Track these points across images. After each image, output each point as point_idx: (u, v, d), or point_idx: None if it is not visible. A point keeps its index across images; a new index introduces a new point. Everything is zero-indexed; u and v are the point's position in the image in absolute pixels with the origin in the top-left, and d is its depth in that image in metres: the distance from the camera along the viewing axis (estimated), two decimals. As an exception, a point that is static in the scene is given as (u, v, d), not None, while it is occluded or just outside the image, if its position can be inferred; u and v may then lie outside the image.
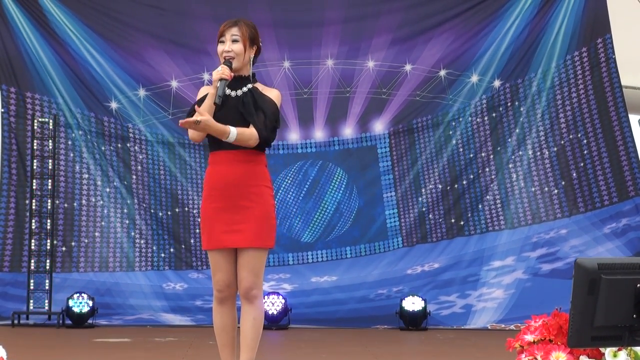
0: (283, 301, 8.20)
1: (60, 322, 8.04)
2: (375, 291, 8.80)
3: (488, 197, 9.02)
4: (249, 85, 3.92)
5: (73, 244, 8.82)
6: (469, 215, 9.03)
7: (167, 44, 9.04)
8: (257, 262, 3.82)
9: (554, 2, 8.99)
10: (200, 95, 3.96)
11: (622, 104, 8.78)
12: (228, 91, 3.88)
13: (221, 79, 3.78)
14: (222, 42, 3.89)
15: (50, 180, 8.51)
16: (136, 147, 9.09)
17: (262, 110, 3.86)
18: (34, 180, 8.47)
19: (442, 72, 9.14)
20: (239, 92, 3.89)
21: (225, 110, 3.86)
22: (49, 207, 8.48)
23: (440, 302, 8.63)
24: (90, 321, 8.10)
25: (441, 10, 9.17)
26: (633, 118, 9.00)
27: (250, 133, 3.80)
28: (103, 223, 8.94)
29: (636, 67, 9.15)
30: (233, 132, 3.74)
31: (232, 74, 3.84)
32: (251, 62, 3.93)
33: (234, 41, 3.86)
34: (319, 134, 9.24)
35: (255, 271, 3.81)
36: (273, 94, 3.96)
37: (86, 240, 8.87)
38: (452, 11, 9.14)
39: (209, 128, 3.72)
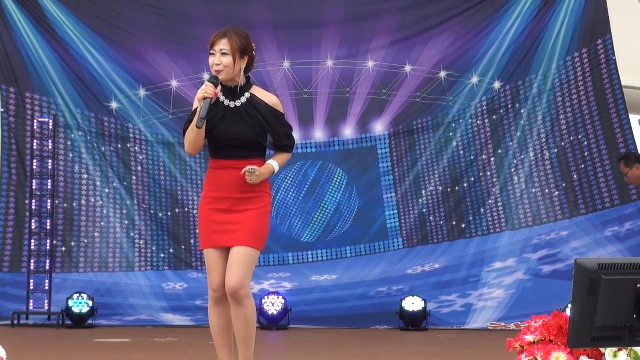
0: (283, 301, 8.20)
1: (60, 322, 8.04)
2: (375, 289, 8.82)
3: (490, 201, 9.02)
4: (247, 95, 3.92)
5: (73, 244, 8.82)
6: (471, 218, 9.03)
7: (167, 43, 9.03)
8: (247, 261, 3.84)
9: (554, 3, 8.98)
10: (195, 105, 3.94)
11: (623, 106, 8.77)
12: (227, 102, 3.91)
13: (205, 98, 3.78)
14: (212, 54, 3.91)
15: (50, 181, 8.51)
16: (136, 148, 9.09)
17: (279, 130, 3.94)
18: (34, 180, 8.47)
19: (443, 74, 9.13)
20: (238, 103, 3.91)
21: (226, 122, 3.89)
22: (49, 207, 8.47)
23: (440, 301, 8.64)
24: (90, 321, 8.09)
25: (441, 11, 9.16)
26: (633, 118, 9.00)
27: (285, 157, 4.02)
28: (102, 223, 8.93)
29: (636, 67, 9.14)
30: (276, 168, 3.94)
31: (218, 92, 3.85)
32: (242, 71, 3.93)
33: (224, 54, 3.87)
34: (319, 135, 9.24)
35: (242, 270, 3.82)
36: (277, 104, 3.97)
37: (86, 241, 8.87)
38: (451, 12, 9.13)
39: (263, 176, 3.86)
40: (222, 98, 3.93)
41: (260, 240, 3.89)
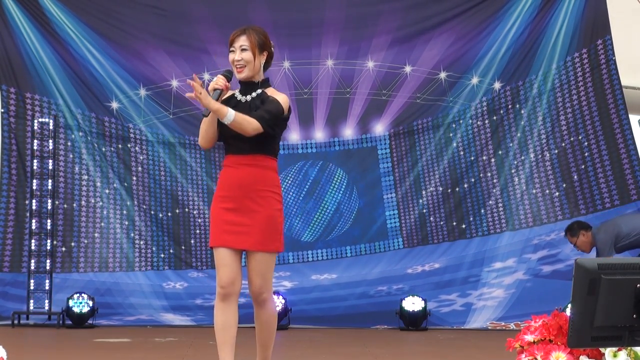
0: (283, 301, 8.20)
1: (61, 322, 8.04)
2: (375, 288, 8.82)
3: (490, 201, 9.02)
4: (258, 90, 3.97)
5: (73, 244, 8.82)
6: (471, 219, 9.04)
7: (167, 43, 9.04)
8: (264, 266, 3.90)
9: (554, 4, 8.98)
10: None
11: (623, 106, 8.77)
12: (239, 96, 3.95)
13: (215, 89, 3.81)
14: (232, 51, 3.95)
15: (50, 181, 8.51)
16: (137, 148, 9.09)
17: (266, 109, 3.88)
18: (34, 181, 8.47)
19: (443, 74, 9.14)
20: (248, 97, 3.95)
21: None
22: (49, 207, 8.48)
23: (440, 300, 8.64)
24: (90, 321, 8.10)
25: (441, 12, 9.16)
26: (633, 118, 9.00)
27: (249, 119, 3.80)
28: (102, 224, 8.94)
29: (636, 67, 9.14)
30: (231, 114, 3.73)
31: (229, 85, 3.88)
32: (262, 67, 3.99)
33: (243, 50, 3.91)
34: (319, 135, 9.24)
35: (262, 275, 3.89)
36: (280, 97, 3.99)
37: (86, 241, 8.87)
38: (451, 12, 9.13)
39: (208, 101, 3.71)
40: (236, 93, 3.99)
41: (272, 242, 3.91)
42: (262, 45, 3.96)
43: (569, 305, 2.64)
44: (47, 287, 8.27)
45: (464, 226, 9.05)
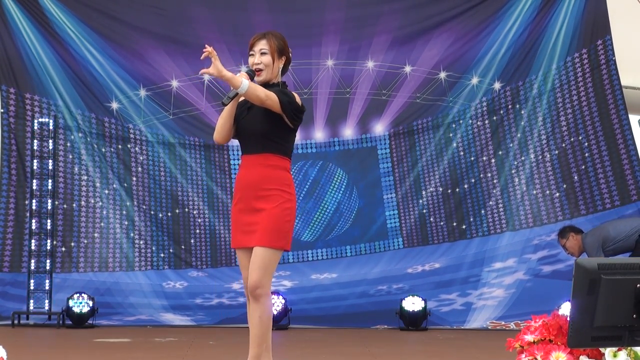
0: (283, 301, 8.20)
1: (61, 322, 8.04)
2: (375, 287, 8.83)
3: (491, 202, 9.02)
4: (275, 89, 4.02)
5: (72, 244, 8.83)
6: (471, 219, 9.04)
7: (167, 43, 9.04)
8: (263, 261, 3.91)
9: (554, 4, 8.98)
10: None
11: (623, 106, 8.77)
12: None
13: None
14: (252, 54, 4.07)
15: (50, 181, 8.51)
16: (137, 148, 9.09)
17: (282, 91, 4.01)
18: (34, 181, 8.47)
19: (442, 74, 9.14)
20: None
21: (250, 115, 4.02)
22: (49, 208, 8.48)
23: (440, 299, 8.64)
24: (90, 321, 8.10)
25: (440, 12, 9.16)
26: (633, 118, 9.00)
27: (264, 89, 3.90)
28: (102, 224, 8.94)
29: (636, 67, 9.14)
30: (244, 85, 3.79)
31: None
32: (280, 72, 4.12)
33: (263, 54, 4.06)
34: (319, 135, 9.24)
35: (260, 269, 3.90)
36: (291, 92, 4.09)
37: (85, 241, 8.87)
38: (451, 12, 9.13)
39: (218, 66, 3.78)
40: None
41: (276, 239, 3.94)
42: (281, 50, 4.13)
43: (564, 305, 2.64)
44: (47, 287, 8.27)
45: (464, 227, 9.05)
